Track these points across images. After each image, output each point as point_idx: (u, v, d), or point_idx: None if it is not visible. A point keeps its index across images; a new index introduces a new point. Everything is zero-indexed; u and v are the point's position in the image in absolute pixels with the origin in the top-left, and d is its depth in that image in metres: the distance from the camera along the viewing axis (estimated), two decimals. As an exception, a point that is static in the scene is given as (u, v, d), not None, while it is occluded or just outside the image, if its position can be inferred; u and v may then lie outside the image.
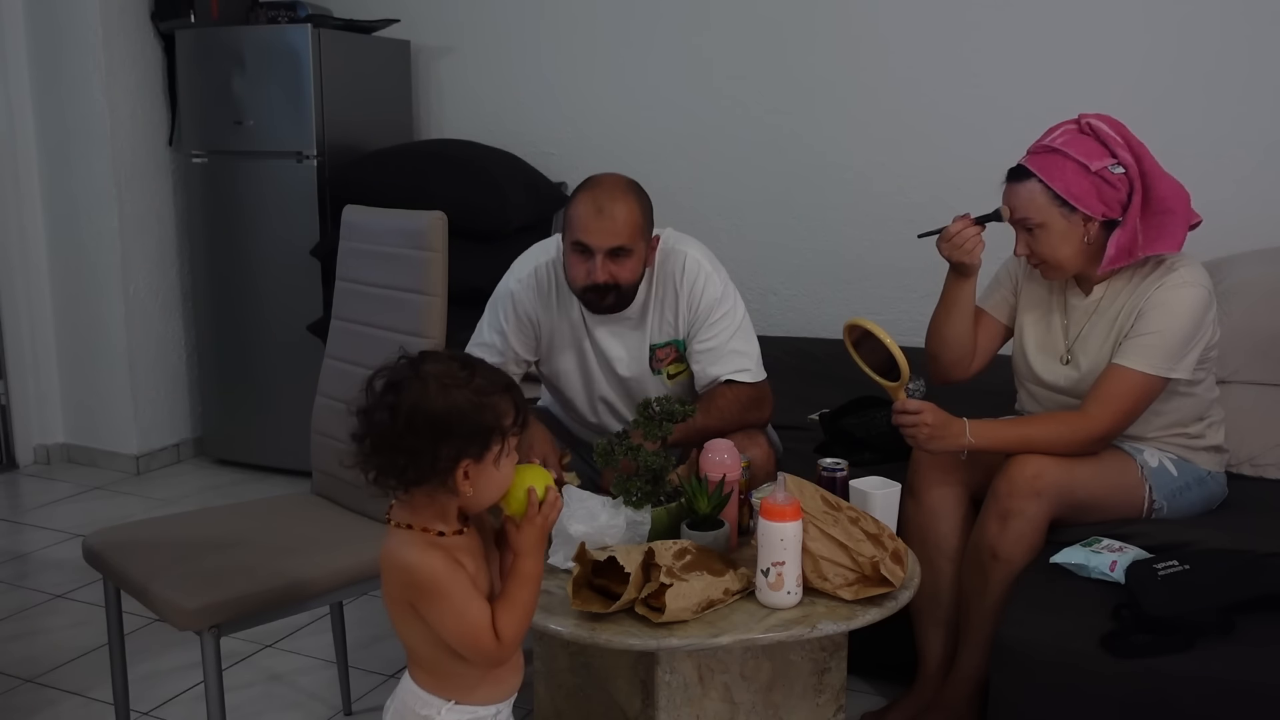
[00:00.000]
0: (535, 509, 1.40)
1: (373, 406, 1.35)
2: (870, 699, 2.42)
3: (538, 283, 2.33)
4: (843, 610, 1.73)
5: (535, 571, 1.41)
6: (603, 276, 2.16)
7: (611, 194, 2.16)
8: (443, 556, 1.36)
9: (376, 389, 1.35)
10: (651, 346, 2.33)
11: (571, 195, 2.22)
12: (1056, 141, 2.11)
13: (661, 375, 2.36)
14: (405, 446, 1.32)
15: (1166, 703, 1.70)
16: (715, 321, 2.29)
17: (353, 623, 2.68)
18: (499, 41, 3.98)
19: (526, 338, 2.36)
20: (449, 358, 1.39)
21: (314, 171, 3.76)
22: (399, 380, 1.34)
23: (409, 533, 1.37)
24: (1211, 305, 2.14)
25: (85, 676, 2.57)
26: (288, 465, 3.95)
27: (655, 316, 2.32)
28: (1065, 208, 2.10)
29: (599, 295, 2.20)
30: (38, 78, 3.99)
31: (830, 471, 2.07)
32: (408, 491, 1.36)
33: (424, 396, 1.32)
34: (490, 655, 1.38)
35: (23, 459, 4.18)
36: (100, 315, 4.06)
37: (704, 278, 2.29)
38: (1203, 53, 3.02)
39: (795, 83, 3.53)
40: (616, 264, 2.17)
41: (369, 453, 1.35)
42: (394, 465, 1.33)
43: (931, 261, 2.37)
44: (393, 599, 1.39)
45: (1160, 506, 2.18)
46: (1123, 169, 2.09)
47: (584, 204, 2.17)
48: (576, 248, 2.18)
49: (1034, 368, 2.29)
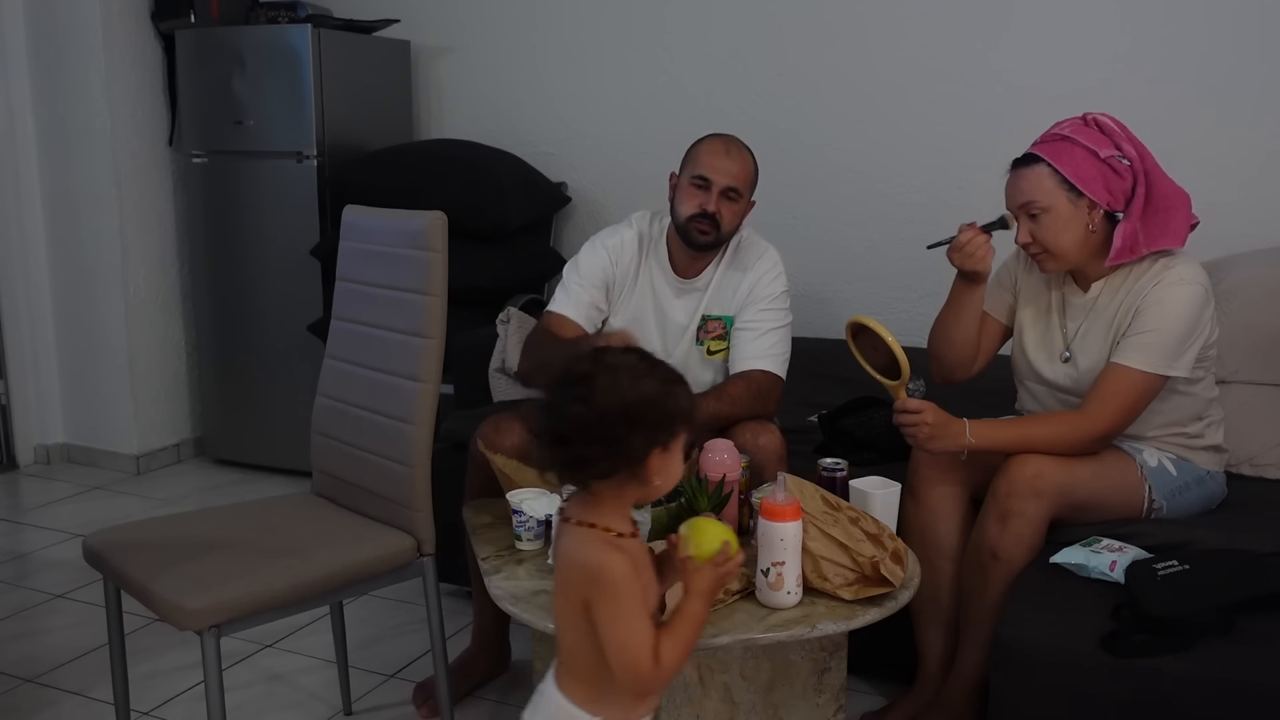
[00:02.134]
0: (724, 558, 1.39)
1: (561, 400, 1.34)
2: (870, 699, 2.42)
3: (622, 244, 2.50)
4: (843, 610, 1.73)
5: (703, 616, 1.40)
6: (714, 207, 2.37)
7: (736, 143, 2.44)
8: (626, 561, 1.35)
9: (561, 383, 1.35)
10: (704, 316, 2.48)
11: (695, 143, 2.44)
12: (1064, 130, 2.13)
13: (703, 347, 2.47)
14: (601, 437, 1.32)
15: (1166, 703, 1.70)
16: (765, 310, 2.45)
17: (353, 623, 2.68)
18: (499, 41, 3.98)
19: (603, 295, 2.49)
20: (627, 350, 1.40)
21: (314, 171, 3.76)
22: (588, 373, 1.34)
23: (592, 531, 1.37)
24: (1209, 303, 2.14)
25: (85, 676, 2.57)
26: (288, 465, 3.95)
27: (718, 288, 2.48)
28: (1073, 192, 2.10)
29: (705, 227, 2.38)
30: (38, 78, 3.99)
31: (830, 471, 2.07)
32: (593, 485, 1.36)
33: (617, 386, 1.32)
34: (644, 677, 1.36)
35: (23, 459, 4.18)
36: (100, 315, 4.06)
37: (775, 272, 2.49)
38: (1207, 55, 3.02)
39: (795, 84, 3.53)
40: (726, 203, 2.38)
41: (558, 446, 1.34)
42: (588, 457, 1.33)
43: (931, 262, 2.37)
44: (567, 596, 1.38)
45: (1160, 506, 2.18)
46: (1128, 161, 2.10)
47: (712, 144, 2.42)
48: (696, 181, 2.38)
49: (1034, 365, 2.29)
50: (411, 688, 2.49)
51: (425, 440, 2.04)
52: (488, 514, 2.18)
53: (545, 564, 1.92)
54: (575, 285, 2.48)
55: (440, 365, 2.04)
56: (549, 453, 1.36)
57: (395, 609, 2.90)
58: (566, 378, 1.35)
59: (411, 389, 2.04)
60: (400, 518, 2.07)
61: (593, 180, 3.90)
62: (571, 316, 2.45)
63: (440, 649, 2.12)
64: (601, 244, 2.51)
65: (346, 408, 2.21)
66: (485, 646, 2.48)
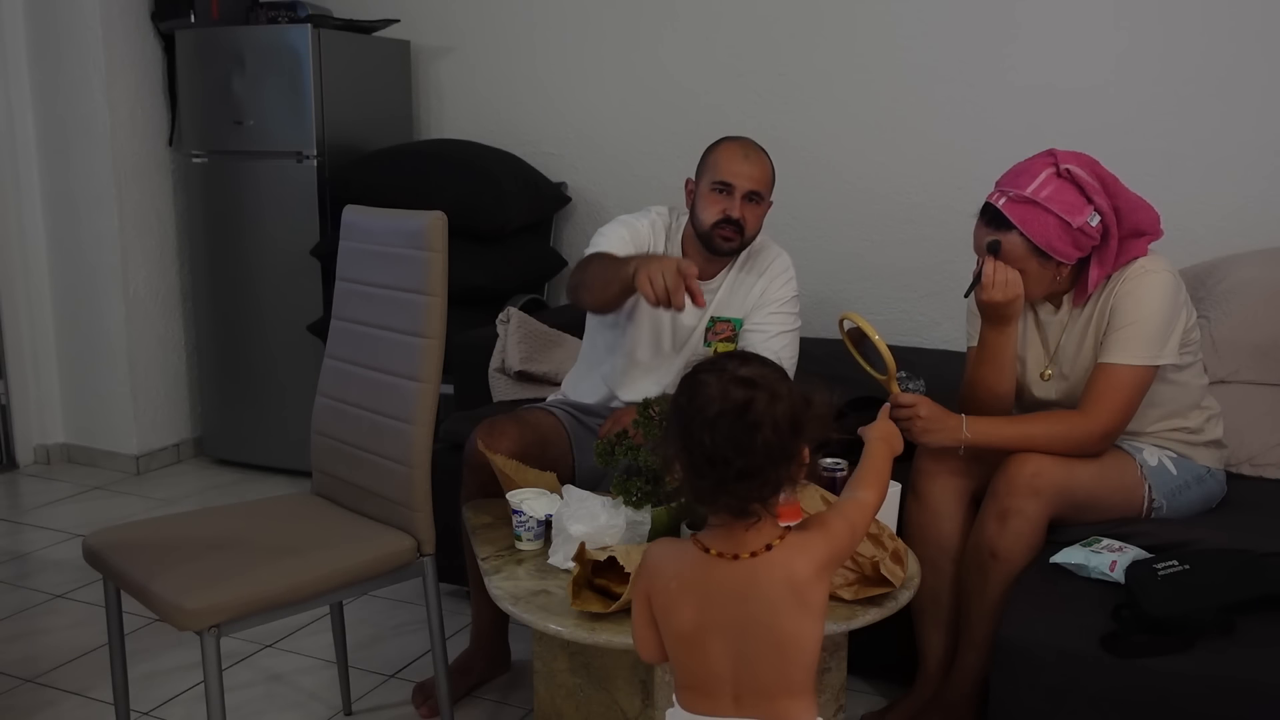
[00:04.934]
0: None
1: (736, 433, 1.26)
2: (870, 699, 2.42)
3: (652, 228, 2.49)
4: (843, 610, 1.73)
5: (885, 466, 1.59)
6: (739, 213, 2.35)
7: (754, 145, 2.42)
8: None
9: (721, 416, 1.26)
10: (713, 318, 2.48)
11: (710, 147, 2.42)
12: (1039, 195, 2.08)
13: (711, 349, 2.47)
14: (783, 455, 1.28)
15: (1166, 703, 1.70)
16: (774, 314, 2.47)
17: (353, 623, 2.68)
18: (499, 41, 3.98)
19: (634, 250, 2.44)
20: (734, 359, 1.33)
21: (314, 171, 3.76)
22: (744, 399, 1.27)
23: (787, 540, 1.33)
24: (1180, 286, 2.15)
25: (85, 676, 2.57)
26: (288, 465, 3.95)
27: (729, 291, 2.48)
28: (1043, 257, 2.11)
29: (729, 233, 2.37)
30: (38, 78, 3.99)
31: (830, 471, 2.07)
32: (767, 503, 1.30)
33: (775, 401, 1.27)
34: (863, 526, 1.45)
35: (23, 459, 4.18)
36: (100, 315, 4.06)
37: (786, 277, 2.50)
38: (1208, 55, 3.02)
39: (795, 83, 3.53)
40: (749, 208, 2.37)
41: (744, 480, 1.27)
42: (777, 479, 1.29)
43: (930, 262, 2.38)
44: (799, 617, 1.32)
45: (1160, 505, 2.18)
46: (1099, 216, 2.09)
47: (731, 148, 2.39)
48: (718, 186, 2.36)
49: (1021, 386, 2.28)
50: (411, 688, 2.49)
51: (425, 440, 2.04)
52: (488, 514, 2.18)
53: (545, 564, 1.92)
54: (616, 231, 2.45)
55: (440, 365, 2.04)
56: (730, 489, 1.27)
57: (395, 609, 2.90)
58: (725, 411, 1.26)
59: (411, 389, 2.04)
60: (400, 518, 2.07)
61: (593, 180, 3.90)
62: (616, 250, 2.38)
63: (440, 649, 2.12)
64: (632, 221, 2.49)
65: (346, 408, 2.21)
66: (484, 646, 2.48)
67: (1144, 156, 3.01)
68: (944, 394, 2.28)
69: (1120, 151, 2.49)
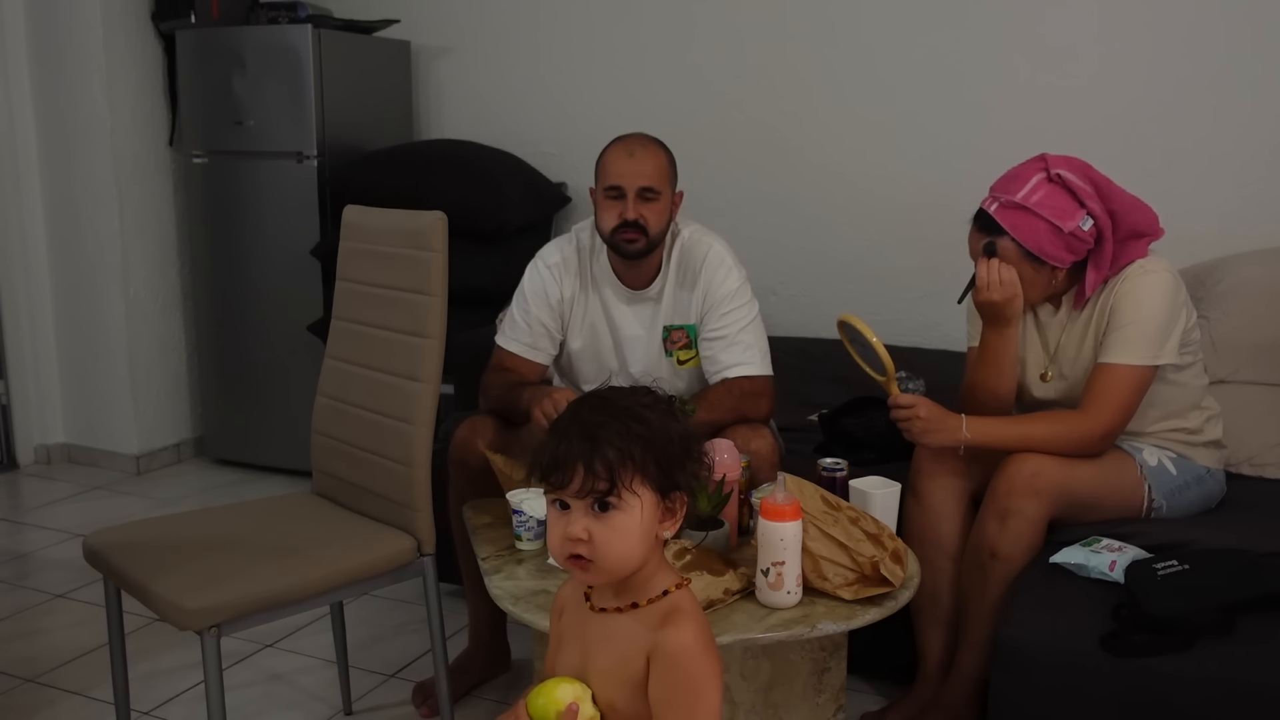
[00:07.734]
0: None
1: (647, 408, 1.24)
2: (870, 699, 2.42)
3: (564, 261, 2.44)
4: (843, 610, 1.73)
5: None
6: (634, 214, 2.28)
7: (641, 141, 2.33)
8: None
9: (635, 394, 1.26)
10: (666, 327, 2.41)
11: (601, 152, 2.35)
12: (1030, 200, 2.08)
13: (673, 359, 2.42)
14: (681, 452, 1.24)
15: (1166, 703, 1.70)
16: (728, 313, 2.36)
17: (353, 623, 2.68)
18: (499, 41, 3.98)
19: (554, 317, 2.44)
20: None
21: (314, 171, 3.76)
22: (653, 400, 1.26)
23: (681, 593, 1.26)
24: (1180, 286, 2.15)
25: (85, 676, 2.57)
26: (288, 465, 3.95)
27: (673, 298, 2.41)
28: (1036, 261, 2.11)
29: (631, 235, 2.30)
30: (38, 78, 3.99)
31: (830, 471, 2.07)
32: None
33: (679, 416, 1.26)
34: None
35: (23, 459, 4.18)
36: (100, 315, 4.06)
37: (725, 270, 2.38)
38: (1207, 56, 3.02)
39: (794, 85, 3.53)
40: (646, 205, 2.29)
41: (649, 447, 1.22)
42: (678, 461, 1.24)
43: (929, 262, 2.38)
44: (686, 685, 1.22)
45: (1159, 505, 2.18)
46: (1092, 220, 2.09)
47: (615, 150, 2.33)
48: (610, 193, 2.31)
49: (1022, 387, 2.28)
50: (411, 687, 2.49)
51: (425, 440, 2.04)
52: (488, 514, 2.18)
53: (545, 564, 1.92)
54: (521, 316, 2.43)
55: (440, 365, 2.05)
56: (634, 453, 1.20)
57: (395, 609, 2.90)
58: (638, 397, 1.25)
59: (411, 389, 2.04)
60: (400, 518, 2.07)
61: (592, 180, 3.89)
62: (521, 353, 2.42)
63: (440, 649, 2.12)
64: (544, 264, 2.44)
65: (346, 408, 2.21)
66: (483, 646, 2.48)
67: (1144, 156, 3.01)
68: (944, 394, 2.28)
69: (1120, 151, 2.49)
